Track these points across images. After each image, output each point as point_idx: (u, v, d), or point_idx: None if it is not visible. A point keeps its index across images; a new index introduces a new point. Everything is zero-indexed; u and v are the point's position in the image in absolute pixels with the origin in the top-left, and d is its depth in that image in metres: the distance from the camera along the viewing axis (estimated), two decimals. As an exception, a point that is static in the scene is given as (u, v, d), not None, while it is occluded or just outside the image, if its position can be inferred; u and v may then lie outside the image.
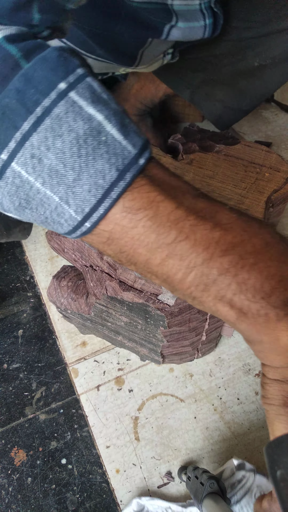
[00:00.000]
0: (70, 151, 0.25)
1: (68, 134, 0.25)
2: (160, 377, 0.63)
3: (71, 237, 0.28)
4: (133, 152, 0.26)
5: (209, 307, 0.27)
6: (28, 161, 0.25)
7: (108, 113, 0.26)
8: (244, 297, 0.25)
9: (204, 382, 0.63)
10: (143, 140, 0.27)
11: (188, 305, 0.45)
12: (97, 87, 0.26)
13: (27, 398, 0.62)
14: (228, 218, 0.27)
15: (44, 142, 0.25)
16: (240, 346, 0.65)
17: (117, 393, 0.62)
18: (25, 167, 0.25)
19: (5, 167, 0.25)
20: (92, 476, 0.57)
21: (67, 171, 0.25)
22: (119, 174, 0.25)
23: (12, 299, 0.71)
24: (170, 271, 0.27)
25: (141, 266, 0.28)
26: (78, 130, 0.25)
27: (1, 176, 0.26)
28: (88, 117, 0.25)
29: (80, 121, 0.25)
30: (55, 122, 0.25)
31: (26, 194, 0.26)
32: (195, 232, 0.26)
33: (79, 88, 0.25)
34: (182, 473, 0.54)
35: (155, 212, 0.26)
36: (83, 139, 0.25)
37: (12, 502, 0.55)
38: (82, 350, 0.66)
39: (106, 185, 0.25)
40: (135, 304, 0.46)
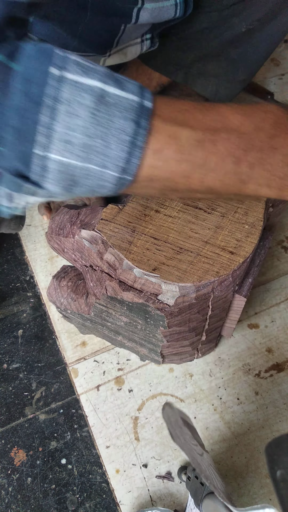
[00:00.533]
0: (90, 124, 0.28)
1: (82, 110, 0.27)
2: (160, 377, 0.63)
3: (118, 192, 0.31)
4: (136, 100, 0.29)
5: (252, 195, 0.33)
6: (61, 147, 0.28)
7: (101, 77, 0.28)
8: (276, 178, 0.31)
9: (204, 382, 0.63)
10: (136, 85, 0.30)
11: (188, 305, 0.45)
12: (79, 59, 0.29)
13: (27, 398, 0.62)
14: (236, 120, 0.31)
15: (67, 126, 0.27)
16: (240, 346, 0.65)
17: (117, 393, 0.62)
18: (61, 153, 0.28)
19: (46, 160, 0.28)
20: (92, 476, 0.57)
21: (96, 141, 0.28)
22: (135, 124, 0.29)
23: (12, 299, 0.71)
24: (210, 184, 0.31)
25: (184, 191, 0.32)
26: (88, 103, 0.27)
27: (46, 169, 0.28)
28: (90, 88, 0.28)
29: (86, 95, 0.27)
30: (67, 105, 0.27)
31: (71, 175, 0.29)
32: (217, 145, 0.30)
33: (68, 67, 0.28)
34: (182, 473, 0.54)
35: (178, 143, 0.30)
36: (95, 108, 0.28)
37: (12, 502, 0.55)
38: (82, 350, 0.66)
39: (129, 137, 0.28)
40: (135, 304, 0.46)
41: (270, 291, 0.71)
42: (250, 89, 0.99)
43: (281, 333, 0.66)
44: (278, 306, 0.69)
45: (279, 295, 0.70)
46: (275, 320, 0.68)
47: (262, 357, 0.64)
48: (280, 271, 0.73)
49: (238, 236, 0.46)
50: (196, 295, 0.44)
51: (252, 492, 0.55)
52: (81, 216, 0.50)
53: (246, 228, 0.46)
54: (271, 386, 0.62)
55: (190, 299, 0.44)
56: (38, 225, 0.80)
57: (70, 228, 0.49)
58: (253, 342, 0.66)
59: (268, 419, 0.59)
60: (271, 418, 0.60)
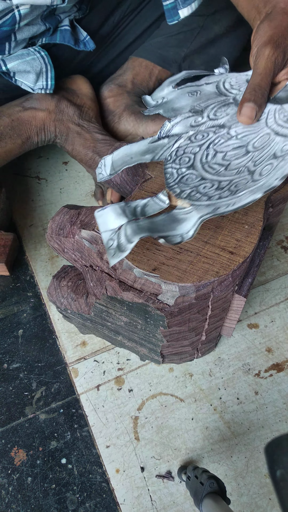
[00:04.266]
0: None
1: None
2: (160, 377, 0.63)
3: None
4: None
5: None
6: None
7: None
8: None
9: (203, 382, 0.63)
10: None
11: (188, 305, 0.45)
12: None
13: (27, 398, 0.62)
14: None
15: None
16: (240, 346, 0.65)
17: (117, 393, 0.62)
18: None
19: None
20: (92, 476, 0.57)
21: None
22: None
23: (12, 299, 0.71)
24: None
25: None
26: None
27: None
28: None
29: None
30: None
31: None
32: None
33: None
34: (182, 473, 0.54)
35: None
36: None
37: (12, 501, 0.55)
38: (82, 350, 0.66)
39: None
40: (135, 304, 0.46)
41: (270, 291, 0.71)
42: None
43: (281, 333, 0.67)
44: (277, 306, 0.69)
45: (278, 295, 0.70)
46: (274, 320, 0.68)
47: (262, 357, 0.64)
48: (279, 271, 0.73)
49: (238, 236, 0.46)
50: (196, 295, 0.44)
51: (252, 492, 0.55)
52: (81, 216, 0.50)
53: (246, 228, 0.46)
54: (270, 386, 0.62)
55: (190, 299, 0.44)
56: (38, 225, 0.80)
57: (70, 228, 0.50)
58: (253, 342, 0.66)
59: (268, 419, 0.60)
60: (270, 418, 0.60)
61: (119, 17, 0.83)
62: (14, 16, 0.65)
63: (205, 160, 0.45)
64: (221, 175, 0.44)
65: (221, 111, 0.48)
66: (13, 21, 0.65)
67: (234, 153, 0.45)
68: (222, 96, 0.50)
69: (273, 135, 0.44)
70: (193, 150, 0.46)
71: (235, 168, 0.44)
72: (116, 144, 0.55)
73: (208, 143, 0.46)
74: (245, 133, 0.46)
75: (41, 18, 0.70)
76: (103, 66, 0.89)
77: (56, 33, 0.75)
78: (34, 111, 0.77)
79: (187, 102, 0.51)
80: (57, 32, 0.75)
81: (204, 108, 0.49)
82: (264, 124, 0.46)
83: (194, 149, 0.47)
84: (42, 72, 0.72)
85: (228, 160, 0.44)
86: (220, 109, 0.48)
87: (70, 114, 0.79)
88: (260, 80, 0.44)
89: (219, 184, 0.43)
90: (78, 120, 0.79)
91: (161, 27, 0.86)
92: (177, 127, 0.49)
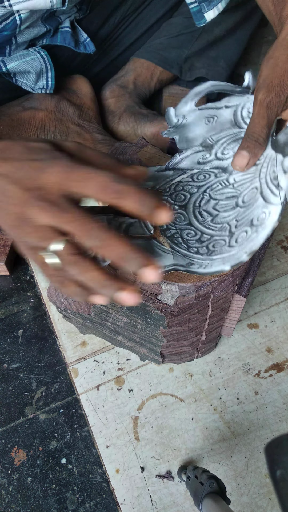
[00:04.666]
0: None
1: None
2: (160, 377, 0.63)
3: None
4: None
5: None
6: None
7: None
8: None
9: (203, 382, 0.63)
10: None
11: (188, 305, 0.45)
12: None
13: (27, 398, 0.62)
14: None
15: None
16: (240, 346, 0.65)
17: (117, 393, 0.62)
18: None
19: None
20: (92, 475, 0.57)
21: None
22: None
23: (12, 299, 0.71)
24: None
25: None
26: None
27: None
28: None
29: None
30: None
31: None
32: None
33: None
34: (182, 473, 0.54)
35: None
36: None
37: (12, 501, 0.55)
38: (82, 350, 0.66)
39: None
40: (135, 304, 0.46)
41: (270, 291, 0.71)
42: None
43: (281, 333, 0.67)
44: (277, 306, 0.69)
45: (278, 295, 0.70)
46: (274, 320, 0.68)
47: (262, 357, 0.64)
48: (279, 271, 0.73)
49: (238, 236, 0.46)
50: (196, 295, 0.44)
51: (252, 492, 0.55)
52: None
53: (246, 228, 0.46)
54: (270, 386, 0.62)
55: (190, 299, 0.44)
56: (38, 225, 0.80)
57: None
58: (252, 342, 0.66)
59: (268, 419, 0.60)
60: (270, 418, 0.60)
61: (120, 17, 0.83)
62: (14, 20, 0.65)
63: (197, 204, 0.46)
64: (206, 225, 0.44)
65: (230, 148, 0.48)
66: (14, 25, 0.65)
67: (225, 203, 0.45)
68: (236, 128, 0.49)
69: (258, 193, 0.44)
70: (191, 190, 0.47)
71: (220, 222, 0.44)
72: (116, 144, 0.55)
73: (206, 187, 0.47)
74: (241, 182, 0.46)
75: (42, 20, 0.70)
76: (103, 67, 0.89)
77: (56, 35, 0.75)
78: (34, 111, 0.77)
79: (201, 132, 0.51)
80: (57, 33, 0.75)
81: (215, 142, 0.49)
82: (258, 174, 0.45)
83: (193, 189, 0.47)
84: (42, 72, 0.72)
85: (218, 210, 0.45)
86: (229, 145, 0.48)
87: (70, 114, 0.79)
88: (253, 127, 0.42)
89: (201, 236, 0.44)
90: (78, 120, 0.79)
91: (162, 28, 0.86)
92: (185, 161, 0.50)
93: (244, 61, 1.08)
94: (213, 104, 0.52)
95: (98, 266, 0.34)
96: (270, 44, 1.21)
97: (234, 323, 0.55)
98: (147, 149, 0.54)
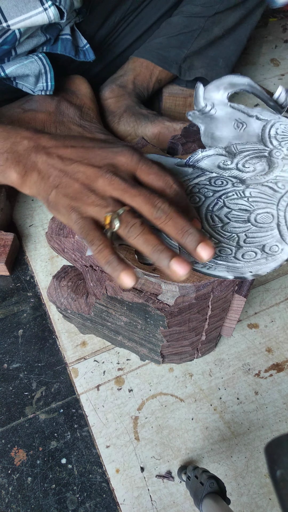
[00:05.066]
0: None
1: None
2: (160, 377, 0.63)
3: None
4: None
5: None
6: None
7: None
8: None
9: (203, 382, 0.63)
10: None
11: (188, 305, 0.45)
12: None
13: (27, 398, 0.62)
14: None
15: None
16: (240, 346, 0.65)
17: (117, 393, 0.62)
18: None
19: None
20: (92, 475, 0.57)
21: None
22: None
23: (12, 299, 0.71)
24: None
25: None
26: None
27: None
28: None
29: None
30: None
31: None
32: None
33: None
34: (182, 473, 0.54)
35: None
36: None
37: (12, 501, 0.55)
38: (82, 350, 0.66)
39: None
40: (135, 304, 0.46)
41: (270, 291, 0.71)
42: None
43: (281, 333, 0.67)
44: (277, 306, 0.69)
45: (278, 295, 0.70)
46: (274, 320, 0.68)
47: (262, 357, 0.64)
48: (279, 271, 0.73)
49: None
50: (196, 295, 0.44)
51: (252, 492, 0.55)
52: (81, 216, 0.50)
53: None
54: (270, 386, 0.62)
55: (190, 299, 0.44)
56: (38, 225, 0.80)
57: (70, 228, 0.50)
58: (252, 342, 0.66)
59: (268, 419, 0.60)
60: (271, 418, 0.60)
61: (120, 17, 0.83)
62: (14, 34, 0.64)
63: (211, 209, 0.46)
64: (216, 231, 0.45)
65: (251, 163, 0.48)
66: (14, 39, 0.65)
67: (238, 215, 0.45)
68: (261, 145, 0.49)
69: (274, 223, 0.44)
70: (206, 193, 0.47)
71: (230, 231, 0.44)
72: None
73: (222, 193, 0.47)
74: (257, 199, 0.46)
75: (41, 30, 0.70)
76: (102, 67, 0.89)
77: (57, 42, 0.74)
78: (34, 113, 0.77)
79: (228, 135, 0.50)
80: (58, 41, 0.74)
81: (239, 152, 0.49)
82: (276, 202, 0.45)
83: (208, 192, 0.47)
84: (41, 73, 0.72)
85: (229, 219, 0.45)
86: (251, 159, 0.48)
87: (71, 116, 0.78)
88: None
89: (208, 238, 0.44)
90: (80, 121, 0.79)
91: (162, 27, 0.86)
92: (205, 160, 0.50)
93: (244, 61, 1.08)
94: (246, 109, 0.52)
95: (155, 233, 0.38)
96: (270, 44, 1.22)
97: (234, 323, 0.55)
98: (147, 149, 0.54)
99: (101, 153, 0.40)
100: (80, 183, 0.39)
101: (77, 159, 0.40)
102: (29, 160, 0.41)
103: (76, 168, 0.39)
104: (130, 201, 0.38)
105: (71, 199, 0.39)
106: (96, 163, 0.40)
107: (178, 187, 0.40)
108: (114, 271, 0.37)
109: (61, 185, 0.40)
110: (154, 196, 0.38)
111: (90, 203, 0.39)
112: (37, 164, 0.41)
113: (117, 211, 0.38)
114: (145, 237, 0.37)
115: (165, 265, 0.37)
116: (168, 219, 0.37)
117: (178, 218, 0.37)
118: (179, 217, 0.37)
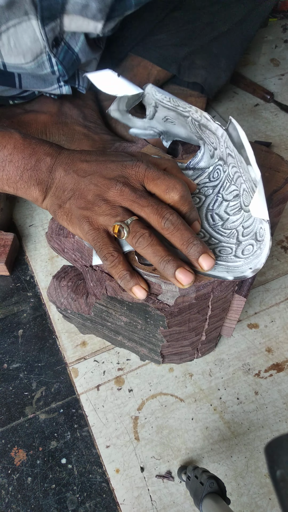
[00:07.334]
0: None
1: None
2: (160, 377, 0.63)
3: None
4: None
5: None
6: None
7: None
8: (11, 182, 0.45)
9: (203, 382, 0.63)
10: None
11: (188, 305, 0.45)
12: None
13: (27, 398, 0.62)
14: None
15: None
16: (240, 346, 0.65)
17: (117, 393, 0.62)
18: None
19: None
20: (92, 475, 0.57)
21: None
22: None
23: (12, 299, 0.71)
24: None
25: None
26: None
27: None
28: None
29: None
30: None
31: None
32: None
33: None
34: (182, 473, 0.54)
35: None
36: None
37: (12, 501, 0.55)
38: (82, 350, 0.66)
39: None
40: (135, 304, 0.46)
41: (270, 291, 0.71)
42: (250, 90, 1.00)
43: (281, 333, 0.67)
44: (277, 306, 0.69)
45: (278, 295, 0.70)
46: (274, 320, 0.68)
47: (262, 357, 0.64)
48: (279, 271, 0.73)
49: (238, 236, 0.46)
50: (196, 295, 0.44)
51: (252, 492, 0.55)
52: (81, 216, 0.50)
53: (246, 228, 0.46)
54: (270, 386, 0.62)
55: (190, 299, 0.44)
56: (38, 225, 0.80)
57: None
58: (252, 342, 0.66)
59: (268, 419, 0.60)
60: (270, 418, 0.60)
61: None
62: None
63: (211, 207, 0.47)
64: (216, 230, 0.45)
65: (214, 138, 0.48)
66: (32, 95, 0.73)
67: (233, 205, 0.46)
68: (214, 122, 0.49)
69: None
70: (206, 192, 0.48)
71: (230, 228, 0.45)
72: (116, 144, 0.55)
73: (220, 186, 0.48)
74: (235, 176, 0.46)
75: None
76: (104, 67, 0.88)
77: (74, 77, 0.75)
78: (35, 114, 0.77)
79: (180, 129, 0.51)
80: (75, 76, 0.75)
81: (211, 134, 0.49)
82: (241, 173, 0.45)
83: (208, 190, 0.49)
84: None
85: (228, 214, 0.46)
86: (212, 135, 0.48)
87: (75, 117, 0.78)
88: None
89: (209, 239, 0.45)
90: (84, 122, 0.79)
91: (163, 23, 0.83)
92: (204, 158, 0.51)
93: (244, 61, 1.08)
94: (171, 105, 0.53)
95: (162, 244, 0.40)
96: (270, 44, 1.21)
97: (234, 323, 0.55)
98: (147, 149, 0.55)
99: (112, 166, 0.42)
100: (92, 194, 0.41)
101: (91, 173, 0.42)
102: (50, 178, 0.44)
103: (89, 181, 0.42)
104: (139, 211, 0.41)
105: (83, 209, 0.41)
106: (108, 175, 0.42)
107: (182, 188, 0.41)
108: (127, 285, 0.41)
109: (74, 196, 0.42)
110: (162, 207, 0.40)
111: (101, 213, 0.41)
112: (55, 181, 0.44)
113: (125, 221, 0.40)
114: (154, 248, 0.39)
115: (171, 274, 0.40)
116: (176, 230, 0.40)
117: (184, 230, 0.40)
118: (186, 229, 0.40)
